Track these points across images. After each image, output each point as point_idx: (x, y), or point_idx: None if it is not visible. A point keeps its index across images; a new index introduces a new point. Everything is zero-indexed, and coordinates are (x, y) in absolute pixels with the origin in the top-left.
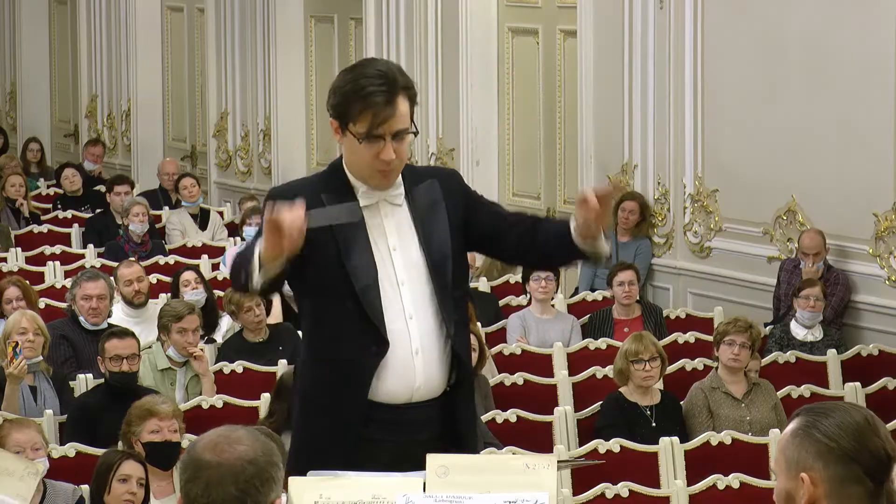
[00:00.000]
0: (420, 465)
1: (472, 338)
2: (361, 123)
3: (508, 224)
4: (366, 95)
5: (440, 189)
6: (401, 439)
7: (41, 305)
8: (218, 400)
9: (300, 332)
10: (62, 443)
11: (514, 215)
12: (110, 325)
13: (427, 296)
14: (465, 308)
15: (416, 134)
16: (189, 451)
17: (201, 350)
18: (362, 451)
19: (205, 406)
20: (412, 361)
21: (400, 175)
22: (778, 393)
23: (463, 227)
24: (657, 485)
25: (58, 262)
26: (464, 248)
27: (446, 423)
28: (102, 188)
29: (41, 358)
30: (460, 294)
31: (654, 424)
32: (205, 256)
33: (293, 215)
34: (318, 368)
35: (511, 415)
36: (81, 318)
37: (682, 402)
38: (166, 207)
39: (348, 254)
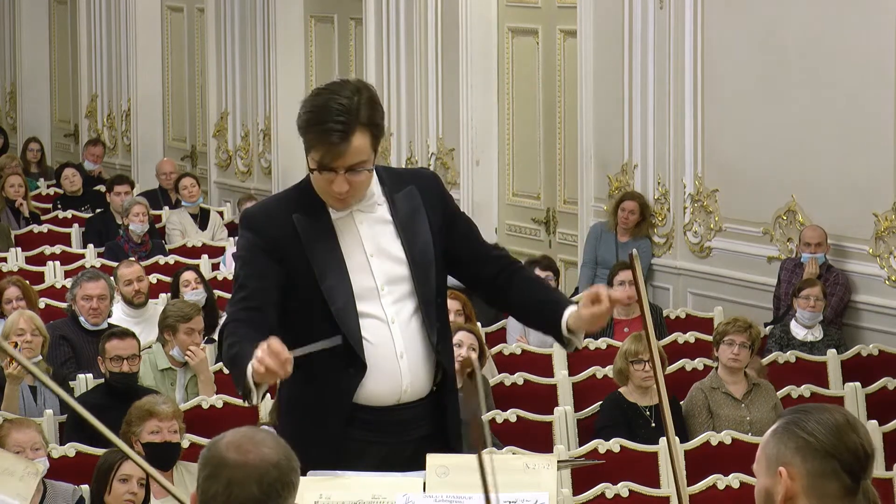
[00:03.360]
0: (410, 464)
1: (473, 337)
2: (314, 154)
3: (486, 259)
4: (321, 131)
5: (419, 195)
6: (391, 440)
7: (41, 305)
8: (218, 400)
9: None
10: (62, 443)
11: (493, 253)
12: (110, 326)
13: (409, 299)
14: (446, 316)
15: (371, 171)
16: (210, 447)
17: (202, 349)
18: (351, 452)
19: (205, 406)
20: (397, 364)
21: (371, 184)
22: (778, 393)
23: (442, 235)
24: (657, 485)
25: (58, 262)
26: (443, 254)
27: (435, 422)
28: (102, 188)
29: (40, 358)
30: (441, 301)
31: (653, 424)
32: (205, 256)
33: (283, 361)
34: (300, 384)
35: (511, 415)
36: (81, 319)
37: (682, 403)
38: (166, 207)
39: (323, 276)
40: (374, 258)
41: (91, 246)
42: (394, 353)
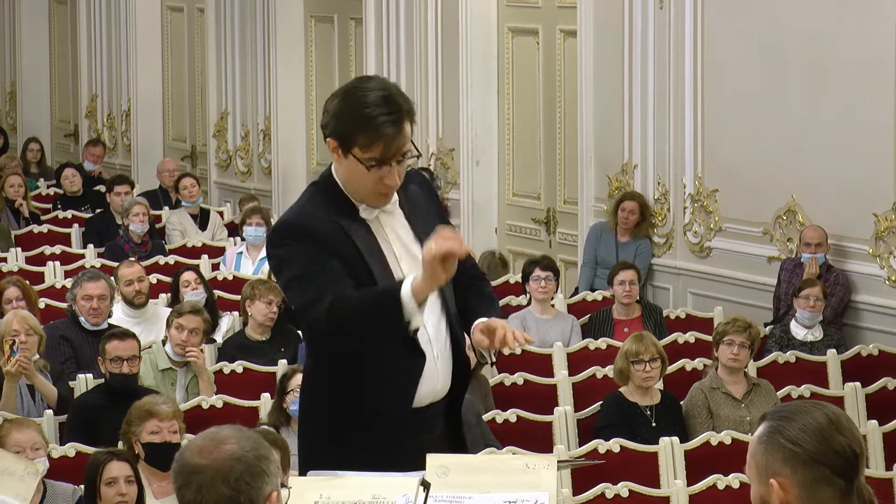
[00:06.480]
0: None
1: None
2: (372, 151)
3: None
4: (377, 126)
5: (422, 194)
6: (421, 437)
7: (41, 305)
8: (218, 400)
9: (300, 332)
10: (62, 443)
11: (467, 264)
12: (110, 326)
13: (434, 302)
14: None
15: (418, 156)
16: (178, 458)
17: (201, 350)
18: (407, 456)
19: (205, 406)
20: (435, 366)
21: None
22: (778, 393)
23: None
24: (657, 485)
25: (58, 262)
26: None
27: (451, 418)
28: (102, 188)
29: (37, 356)
30: (450, 290)
31: (654, 424)
32: (205, 256)
33: (459, 244)
34: (351, 382)
35: (511, 415)
36: (82, 319)
37: (682, 402)
38: (166, 207)
39: (373, 272)
40: (403, 259)
41: (91, 246)
42: (433, 356)
